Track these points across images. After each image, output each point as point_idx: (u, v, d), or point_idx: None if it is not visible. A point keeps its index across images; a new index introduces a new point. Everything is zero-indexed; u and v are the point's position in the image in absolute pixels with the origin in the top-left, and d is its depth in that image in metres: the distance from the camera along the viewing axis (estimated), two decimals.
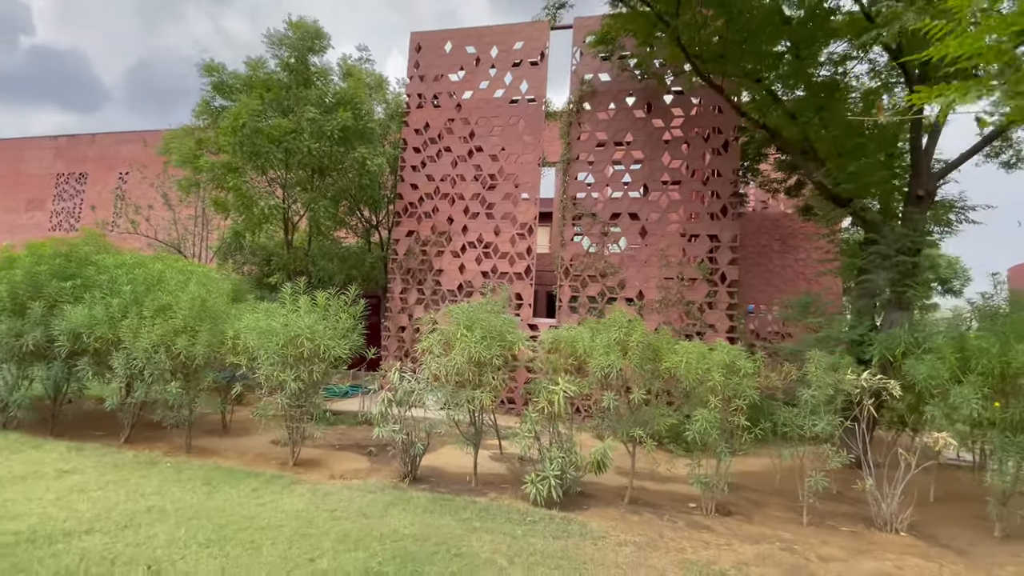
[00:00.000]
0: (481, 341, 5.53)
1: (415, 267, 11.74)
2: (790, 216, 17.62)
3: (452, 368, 5.57)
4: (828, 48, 9.00)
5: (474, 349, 5.49)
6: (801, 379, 5.65)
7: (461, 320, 5.77)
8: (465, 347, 5.53)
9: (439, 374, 5.67)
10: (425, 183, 12.03)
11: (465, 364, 5.51)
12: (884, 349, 6.52)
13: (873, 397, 5.32)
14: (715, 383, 5.17)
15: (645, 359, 5.37)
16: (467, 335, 5.57)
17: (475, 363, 5.56)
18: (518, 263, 11.25)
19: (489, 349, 5.55)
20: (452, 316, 6.01)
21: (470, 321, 5.82)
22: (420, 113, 12.34)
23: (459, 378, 5.71)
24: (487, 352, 5.52)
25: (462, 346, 5.53)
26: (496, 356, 5.61)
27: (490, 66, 12.13)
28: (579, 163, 11.36)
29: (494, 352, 5.59)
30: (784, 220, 18.04)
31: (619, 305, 10.69)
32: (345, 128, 10.82)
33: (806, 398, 5.20)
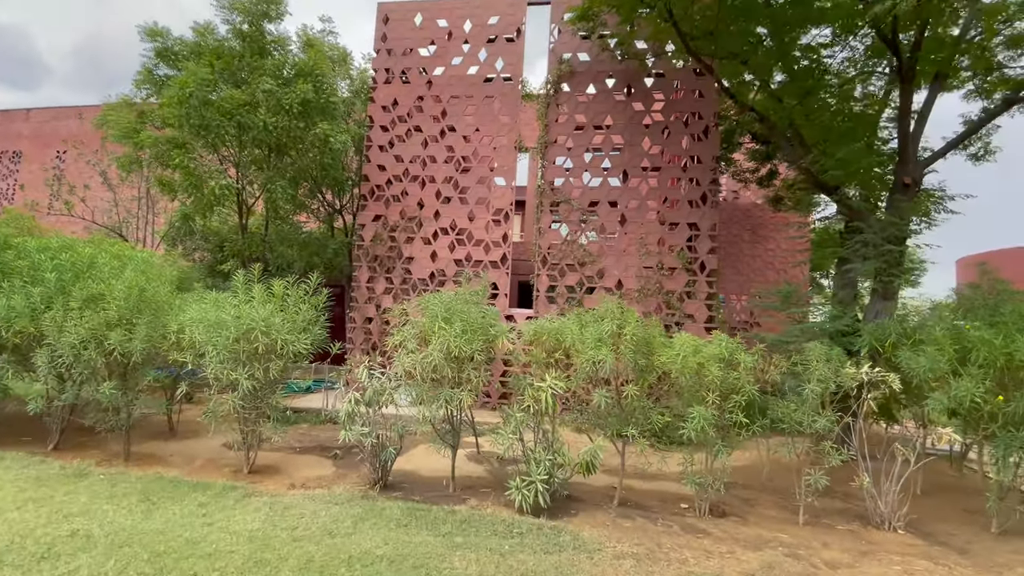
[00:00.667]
0: (461, 335, 4.99)
1: (383, 254, 11.03)
2: (760, 206, 17.69)
3: (428, 365, 5.02)
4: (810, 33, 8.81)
5: (453, 344, 4.95)
6: (792, 372, 5.40)
7: (438, 312, 5.21)
8: (443, 342, 4.99)
9: (413, 371, 5.11)
10: (393, 164, 11.28)
11: (443, 360, 4.96)
12: (873, 340, 6.35)
13: (872, 390, 5.10)
14: (712, 378, 4.82)
15: (639, 354, 4.96)
16: (445, 328, 5.03)
17: (454, 359, 5.03)
18: (493, 251, 10.71)
19: (471, 344, 5.02)
20: (426, 307, 5.43)
21: (448, 313, 5.27)
22: (388, 89, 11.54)
23: (436, 376, 5.16)
24: (468, 347, 5.00)
25: (440, 340, 4.98)
26: (478, 351, 5.09)
27: (463, 41, 11.43)
28: (557, 147, 10.86)
29: (476, 347, 5.07)
30: (755, 210, 18.11)
31: (598, 295, 10.33)
32: (305, 102, 9.94)
33: (807, 392, 4.92)
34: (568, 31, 10.93)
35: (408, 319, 5.61)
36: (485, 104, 11.18)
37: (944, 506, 5.97)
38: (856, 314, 7.77)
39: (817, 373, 4.94)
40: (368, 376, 5.39)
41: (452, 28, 11.48)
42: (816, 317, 10.13)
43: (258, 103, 9.75)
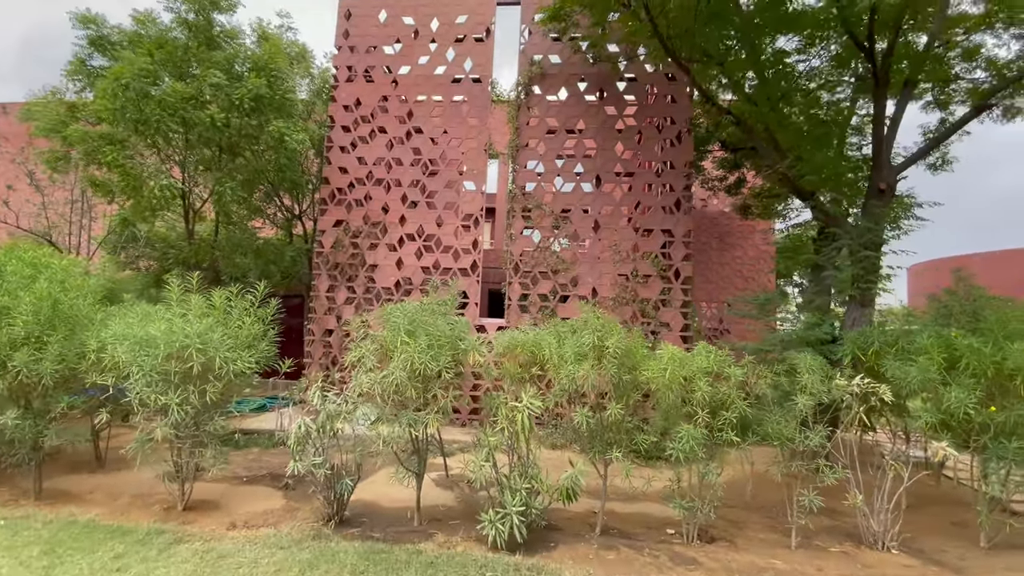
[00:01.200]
0: (427, 350, 4.46)
1: (344, 262, 10.34)
2: (728, 215, 17.86)
3: (390, 384, 4.46)
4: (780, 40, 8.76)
5: (418, 360, 4.41)
6: (776, 383, 5.11)
7: (400, 324, 4.66)
8: (407, 358, 4.44)
9: (373, 392, 4.53)
10: (356, 167, 10.64)
11: (407, 379, 4.42)
12: (856, 348, 6.16)
13: (863, 403, 4.85)
14: (701, 394, 4.45)
15: (623, 369, 4.55)
16: (409, 343, 4.48)
17: (420, 377, 4.49)
18: (463, 258, 10.20)
19: (438, 360, 4.50)
20: (389, 319, 4.87)
21: (412, 325, 4.73)
22: (350, 88, 10.93)
23: (399, 396, 4.61)
24: (435, 363, 4.47)
25: (403, 357, 4.43)
26: (447, 368, 4.57)
27: (430, 40, 10.95)
28: (528, 151, 10.48)
29: (444, 363, 4.54)
30: (722, 219, 18.27)
31: (572, 303, 9.95)
32: (258, 97, 9.22)
33: (799, 406, 4.61)
34: (539, 32, 10.62)
35: (368, 333, 5.04)
36: (453, 105, 10.72)
37: (930, 519, 5.78)
38: (834, 322, 7.63)
39: (809, 385, 4.64)
40: (321, 398, 4.77)
41: (419, 26, 11.00)
42: (786, 325, 10.01)
43: (206, 98, 8.98)
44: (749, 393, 4.66)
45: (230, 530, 4.75)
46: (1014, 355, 4.49)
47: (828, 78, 9.52)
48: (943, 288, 6.71)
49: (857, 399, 4.77)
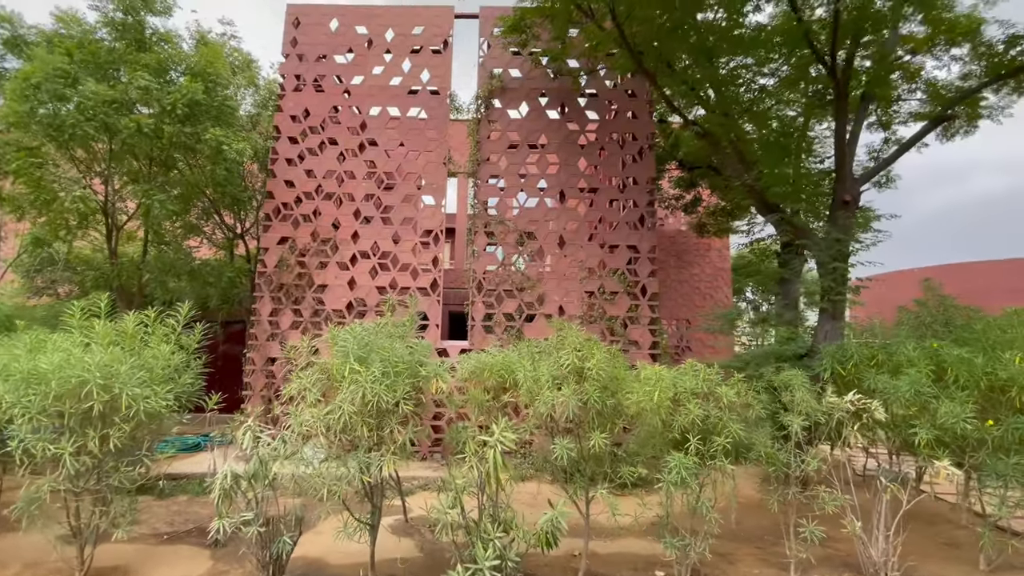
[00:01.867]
0: (382, 379, 3.82)
1: (290, 282, 9.47)
2: (685, 233, 18.12)
3: (337, 422, 3.77)
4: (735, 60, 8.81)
5: (371, 391, 3.75)
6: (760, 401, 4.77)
7: (350, 349, 4.00)
8: (357, 389, 3.78)
9: (315, 430, 3.83)
10: (303, 180, 9.89)
11: (357, 415, 3.75)
12: (835, 362, 5.95)
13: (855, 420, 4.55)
14: (692, 418, 4.01)
15: (606, 393, 4.05)
16: (360, 371, 3.83)
17: (373, 412, 3.83)
18: (422, 276, 9.56)
19: (394, 390, 3.86)
20: (336, 344, 4.20)
21: (364, 350, 4.08)
22: (297, 97, 10.24)
23: (349, 435, 3.92)
24: (392, 394, 3.83)
25: (352, 388, 3.77)
26: (405, 399, 3.93)
27: (385, 50, 10.47)
28: (490, 165, 10.08)
29: (402, 393, 3.90)
30: (679, 237, 18.50)
31: (538, 322, 9.48)
32: (194, 104, 8.41)
33: (794, 428, 4.25)
34: (498, 45, 10.36)
35: (311, 360, 4.34)
36: (410, 118, 10.22)
37: (919, 539, 5.53)
38: (805, 336, 7.50)
39: (803, 404, 4.30)
40: (253, 440, 4.01)
41: (372, 36, 10.51)
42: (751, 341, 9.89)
43: (132, 102, 8.08)
44: (739, 415, 4.26)
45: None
46: (1008, 366, 4.31)
47: (786, 95, 9.64)
48: (914, 299, 6.67)
49: (850, 416, 4.47)
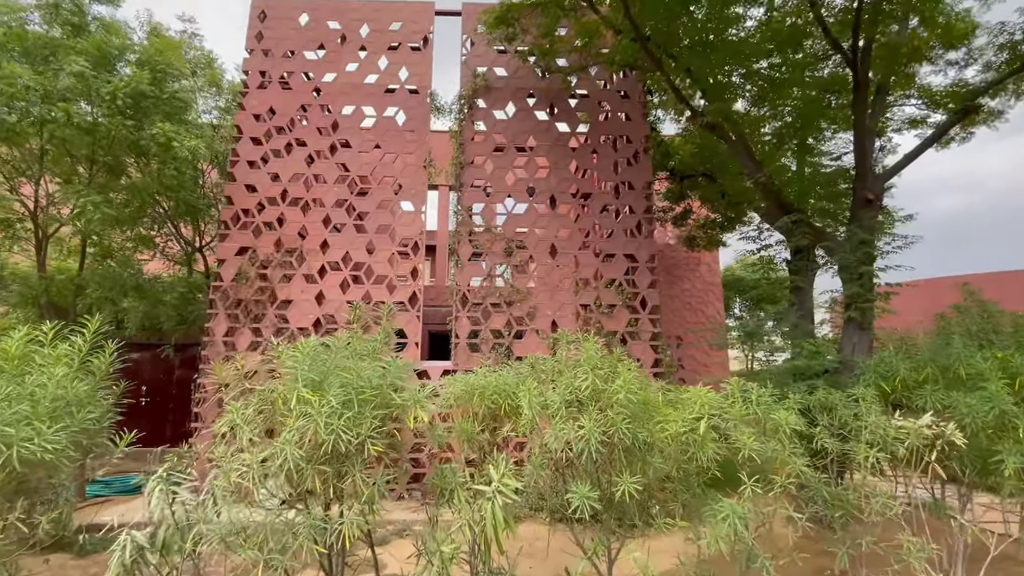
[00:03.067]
0: (340, 411, 2.84)
1: (249, 298, 8.37)
2: (674, 247, 17.60)
3: (279, 470, 2.76)
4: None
5: (325, 427, 2.77)
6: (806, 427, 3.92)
7: (299, 371, 3.01)
8: (307, 425, 2.79)
9: (249, 482, 2.81)
10: (267, 184, 8.89)
11: (306, 461, 2.75)
12: (878, 378, 5.16)
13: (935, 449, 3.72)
14: (746, 454, 3.12)
15: (637, 423, 3.14)
16: (312, 399, 2.84)
17: (327, 456, 2.83)
18: (400, 290, 8.58)
19: (358, 424, 2.87)
20: (286, 364, 3.21)
21: (320, 372, 3.10)
22: (262, 95, 9.32)
23: (296, 488, 2.91)
24: (354, 431, 2.84)
25: (300, 423, 2.78)
26: (373, 436, 2.94)
27: (359, 47, 9.67)
28: (475, 168, 9.26)
29: (368, 429, 2.92)
30: (668, 251, 17.96)
31: (529, 339, 8.56)
32: (139, 95, 7.40)
33: (869, 460, 3.39)
34: (482, 42, 9.67)
35: (248, 386, 3.34)
36: (387, 118, 9.38)
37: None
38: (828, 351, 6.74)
39: (878, 430, 3.45)
40: (168, 498, 2.96)
41: (346, 31, 9.71)
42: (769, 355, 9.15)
43: (63, 93, 7.04)
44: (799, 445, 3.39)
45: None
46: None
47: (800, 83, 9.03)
48: (951, 304, 5.99)
49: (930, 445, 3.64)
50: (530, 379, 3.46)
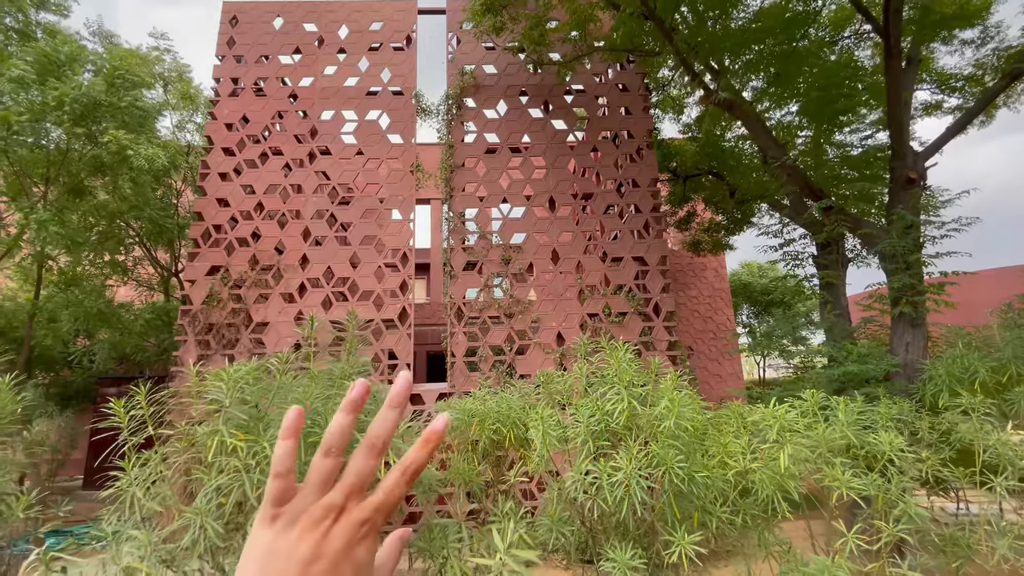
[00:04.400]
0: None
1: (221, 322, 7.55)
2: (678, 253, 16.89)
3: (193, 549, 1.92)
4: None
5: (258, 485, 1.93)
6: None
7: (225, 407, 2.19)
8: (235, 483, 1.95)
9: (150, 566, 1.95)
10: (240, 197, 8.14)
11: (226, 535, 1.90)
12: (952, 381, 4.34)
13: None
14: (843, 492, 2.28)
15: (694, 457, 2.30)
16: (240, 446, 2.01)
17: None
18: (388, 306, 7.77)
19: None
20: (215, 399, 2.38)
21: (255, 410, 2.27)
22: (234, 103, 8.63)
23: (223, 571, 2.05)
24: None
25: (221, 482, 1.94)
26: None
27: (338, 49, 9.05)
28: (466, 172, 8.54)
29: None
30: (673, 257, 17.26)
31: (534, 355, 7.72)
32: (94, 104, 6.70)
33: (1000, 490, 2.55)
34: (469, 39, 9.05)
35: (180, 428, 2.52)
36: (369, 121, 8.69)
37: None
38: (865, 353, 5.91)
39: (1004, 446, 2.62)
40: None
41: (324, 33, 9.10)
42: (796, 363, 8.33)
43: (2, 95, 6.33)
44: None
45: None
46: None
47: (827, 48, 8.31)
48: (1017, 294, 5.19)
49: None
50: (542, 403, 2.62)
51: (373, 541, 0.47)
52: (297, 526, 0.44)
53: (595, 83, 9.33)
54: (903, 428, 2.86)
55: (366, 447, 0.46)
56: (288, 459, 0.45)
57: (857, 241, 7.58)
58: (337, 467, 0.47)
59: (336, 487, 0.46)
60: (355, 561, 0.44)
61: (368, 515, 0.46)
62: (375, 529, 0.46)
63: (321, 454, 0.46)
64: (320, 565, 0.43)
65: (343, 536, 0.44)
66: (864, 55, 8.64)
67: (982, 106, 6.52)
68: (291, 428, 0.46)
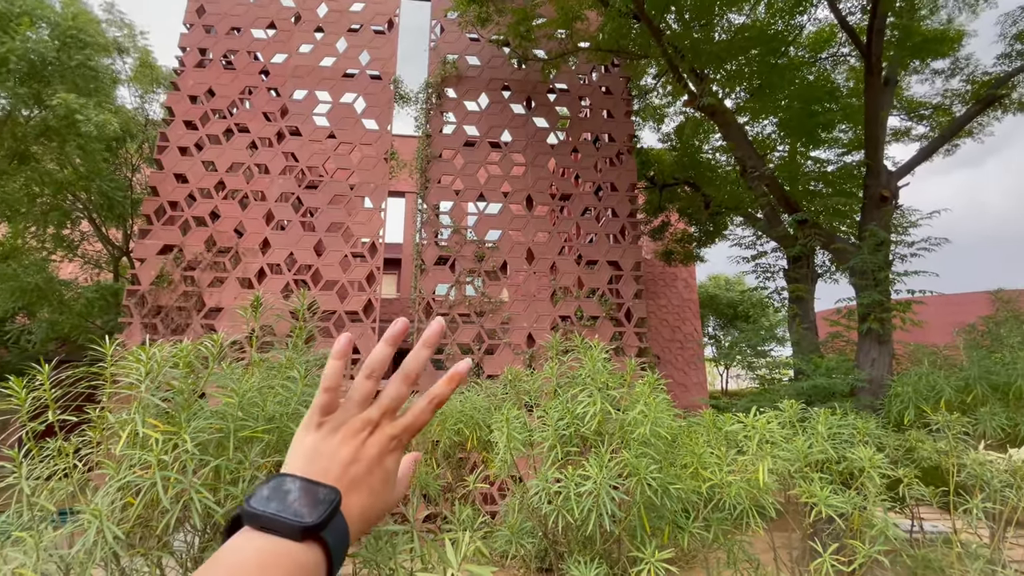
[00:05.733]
0: (200, 456, 1.73)
1: (171, 305, 7.05)
2: (650, 262, 17.00)
3: (87, 560, 1.62)
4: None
5: (174, 485, 1.65)
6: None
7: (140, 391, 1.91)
8: (144, 482, 1.67)
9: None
10: (200, 174, 7.66)
11: (127, 546, 1.62)
12: (918, 399, 4.35)
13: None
14: (821, 510, 2.15)
15: (670, 470, 2.14)
16: (156, 439, 1.73)
17: (167, 532, 1.71)
18: (353, 298, 7.43)
19: (233, 475, 1.77)
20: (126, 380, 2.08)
21: (182, 392, 1.98)
22: (200, 74, 8.14)
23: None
24: (225, 488, 1.73)
25: (125, 480, 1.66)
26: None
27: (315, 28, 8.67)
28: (442, 163, 8.29)
29: (246, 486, 1.81)
30: (645, 265, 17.38)
31: (503, 355, 7.52)
32: (42, 60, 6.15)
33: (975, 512, 2.47)
34: (453, 28, 8.82)
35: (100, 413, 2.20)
36: (344, 104, 8.34)
37: None
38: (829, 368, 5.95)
39: (980, 466, 2.55)
40: None
41: (301, 10, 8.70)
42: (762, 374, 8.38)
43: None
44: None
45: None
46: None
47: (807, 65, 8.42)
48: (981, 316, 5.29)
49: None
50: (508, 403, 2.42)
51: (399, 454, 0.55)
52: (339, 433, 0.52)
53: (579, 83, 9.24)
54: (870, 443, 2.79)
55: (401, 376, 0.54)
56: (337, 376, 0.53)
57: (827, 257, 7.70)
58: (375, 389, 0.54)
59: (373, 405, 0.53)
60: (384, 468, 0.53)
61: (398, 432, 0.54)
62: (401, 445, 0.55)
63: (363, 376, 0.53)
64: (358, 467, 0.51)
65: (377, 446, 0.52)
66: (840, 78, 8.84)
67: (956, 129, 6.69)
68: (341, 351, 0.53)
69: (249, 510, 0.44)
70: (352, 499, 0.49)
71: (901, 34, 5.81)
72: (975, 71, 8.13)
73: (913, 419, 4.31)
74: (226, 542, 0.44)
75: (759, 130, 8.29)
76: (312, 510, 0.45)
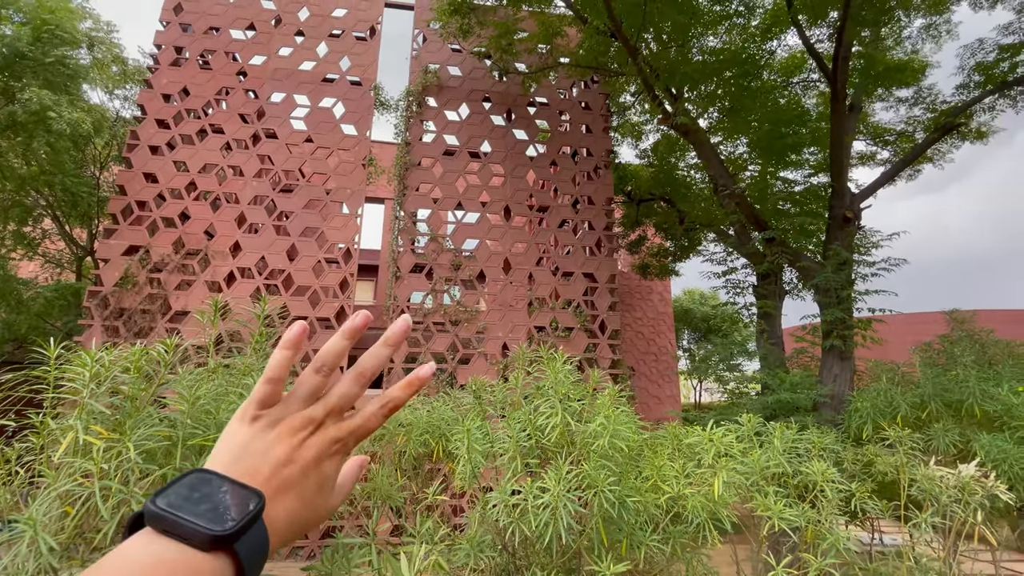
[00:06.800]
0: (144, 465, 1.67)
1: (134, 307, 6.84)
2: (627, 275, 17.22)
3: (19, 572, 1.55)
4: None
5: (115, 495, 1.59)
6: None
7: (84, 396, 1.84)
8: (84, 491, 1.61)
9: None
10: (170, 174, 7.49)
11: (64, 556, 1.55)
12: (876, 415, 4.48)
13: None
14: (774, 524, 2.19)
15: (629, 483, 2.15)
16: (97, 446, 1.66)
17: (101, 543, 1.65)
18: (325, 304, 7.33)
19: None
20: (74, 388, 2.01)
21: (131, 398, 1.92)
22: (175, 73, 8.00)
23: None
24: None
25: (64, 488, 1.59)
26: None
27: (296, 31, 8.62)
28: (421, 171, 8.28)
29: None
30: (621, 278, 17.59)
31: (478, 364, 7.49)
32: (16, 54, 5.96)
33: (924, 527, 2.55)
34: (435, 38, 8.88)
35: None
36: (322, 108, 8.28)
37: None
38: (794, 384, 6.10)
39: (930, 482, 2.64)
40: None
41: (282, 13, 8.65)
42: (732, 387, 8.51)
43: None
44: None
45: None
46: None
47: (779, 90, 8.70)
48: (937, 336, 5.49)
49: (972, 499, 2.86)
50: (472, 414, 2.41)
51: (340, 460, 0.50)
52: (276, 430, 0.46)
53: (559, 98, 9.37)
54: (828, 457, 2.87)
55: (355, 374, 0.50)
56: (283, 367, 0.48)
57: (794, 275, 7.91)
58: (323, 385, 0.49)
59: (319, 403, 0.48)
60: (321, 473, 0.47)
61: (343, 435, 0.49)
62: (345, 449, 0.49)
63: (312, 370, 0.49)
64: (291, 469, 0.45)
65: (316, 448, 0.47)
66: (810, 103, 9.18)
67: (916, 154, 7.00)
68: (292, 341, 0.47)
69: (152, 509, 0.38)
70: (279, 504, 0.44)
71: (866, 63, 6.08)
72: (936, 100, 8.55)
73: (871, 434, 4.43)
74: (122, 543, 0.37)
75: (732, 150, 8.54)
76: (227, 516, 0.38)
